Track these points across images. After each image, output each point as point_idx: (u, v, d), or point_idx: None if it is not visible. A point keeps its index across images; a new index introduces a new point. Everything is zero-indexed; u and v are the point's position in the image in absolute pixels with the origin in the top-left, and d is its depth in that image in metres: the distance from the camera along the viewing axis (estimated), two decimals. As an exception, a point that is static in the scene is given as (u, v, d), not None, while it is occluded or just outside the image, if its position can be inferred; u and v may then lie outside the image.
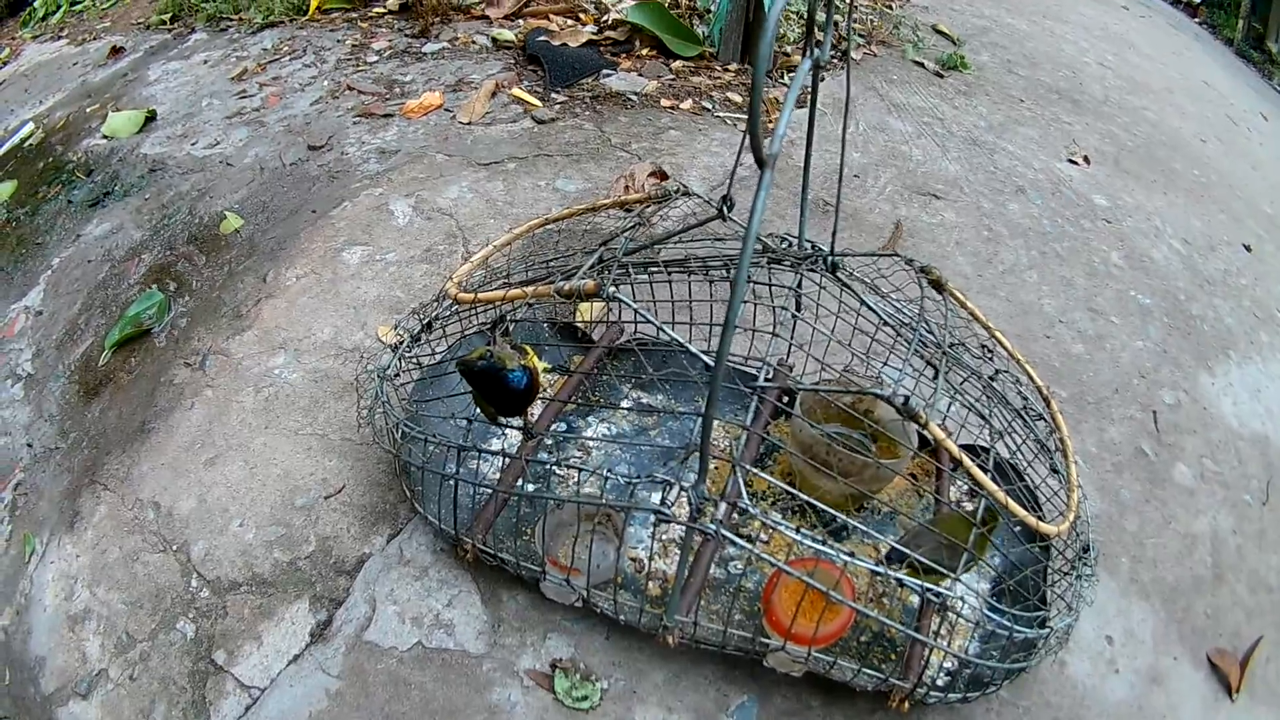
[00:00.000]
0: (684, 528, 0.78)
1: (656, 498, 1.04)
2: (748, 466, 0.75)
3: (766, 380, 0.81)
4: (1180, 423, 1.40)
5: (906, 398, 0.78)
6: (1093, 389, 1.41)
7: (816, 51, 0.77)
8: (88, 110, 2.30)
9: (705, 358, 0.78)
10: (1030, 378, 1.11)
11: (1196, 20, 4.68)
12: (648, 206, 1.00)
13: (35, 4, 3.26)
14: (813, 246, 0.96)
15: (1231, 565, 1.21)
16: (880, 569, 0.81)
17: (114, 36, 2.77)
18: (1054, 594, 0.97)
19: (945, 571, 0.83)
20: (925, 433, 0.83)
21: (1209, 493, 1.30)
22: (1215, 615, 1.14)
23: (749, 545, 0.77)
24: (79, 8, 3.15)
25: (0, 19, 3.39)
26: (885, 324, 0.91)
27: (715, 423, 1.15)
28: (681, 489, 0.75)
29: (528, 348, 0.87)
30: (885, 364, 1.05)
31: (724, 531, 0.75)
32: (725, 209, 0.90)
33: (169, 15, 2.73)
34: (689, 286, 1.00)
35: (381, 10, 2.49)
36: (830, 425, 1.08)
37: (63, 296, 1.69)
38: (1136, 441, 1.34)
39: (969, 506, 1.14)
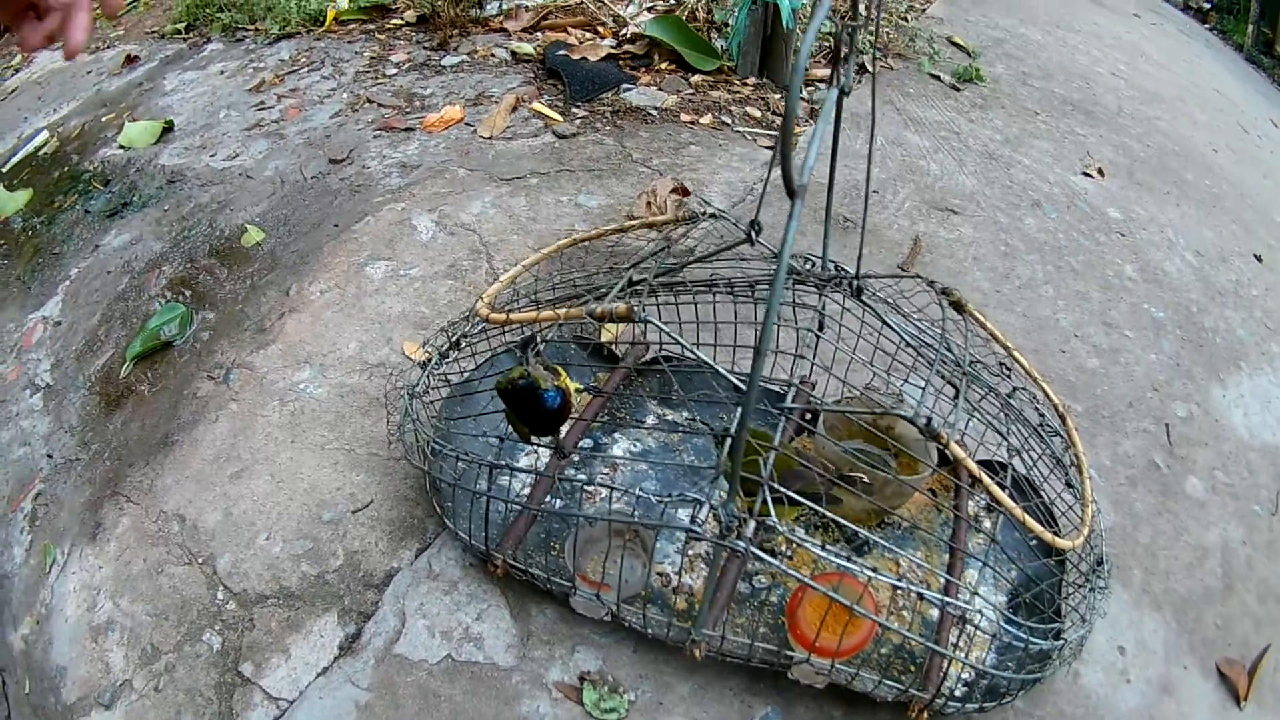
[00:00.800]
0: (711, 544, 0.80)
1: (685, 515, 1.05)
2: (776, 486, 0.77)
3: (792, 401, 0.83)
4: (1192, 435, 1.41)
5: (929, 419, 0.79)
6: (1107, 403, 1.43)
7: (843, 80, 0.79)
8: (103, 119, 2.31)
9: (733, 378, 0.80)
10: (1046, 394, 1.13)
11: (1206, 26, 4.69)
12: (676, 228, 1.02)
13: (49, 12, 3.28)
14: (836, 267, 0.98)
15: (1241, 576, 1.22)
16: (901, 583, 0.83)
17: (128, 45, 2.78)
18: (1069, 606, 0.99)
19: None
20: (946, 451, 0.85)
21: (1220, 504, 1.31)
22: (1225, 625, 1.15)
23: (776, 562, 0.79)
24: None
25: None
26: (907, 344, 0.92)
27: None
28: (711, 508, 0.77)
29: (560, 369, 0.89)
30: (906, 381, 1.07)
31: (754, 549, 0.77)
32: (754, 233, 0.92)
33: (184, 24, 2.75)
34: (714, 307, 1.02)
35: (399, 22, 2.49)
36: (852, 442, 1.10)
37: (82, 307, 1.69)
38: (1150, 454, 1.36)
39: (987, 524, 1.16)
